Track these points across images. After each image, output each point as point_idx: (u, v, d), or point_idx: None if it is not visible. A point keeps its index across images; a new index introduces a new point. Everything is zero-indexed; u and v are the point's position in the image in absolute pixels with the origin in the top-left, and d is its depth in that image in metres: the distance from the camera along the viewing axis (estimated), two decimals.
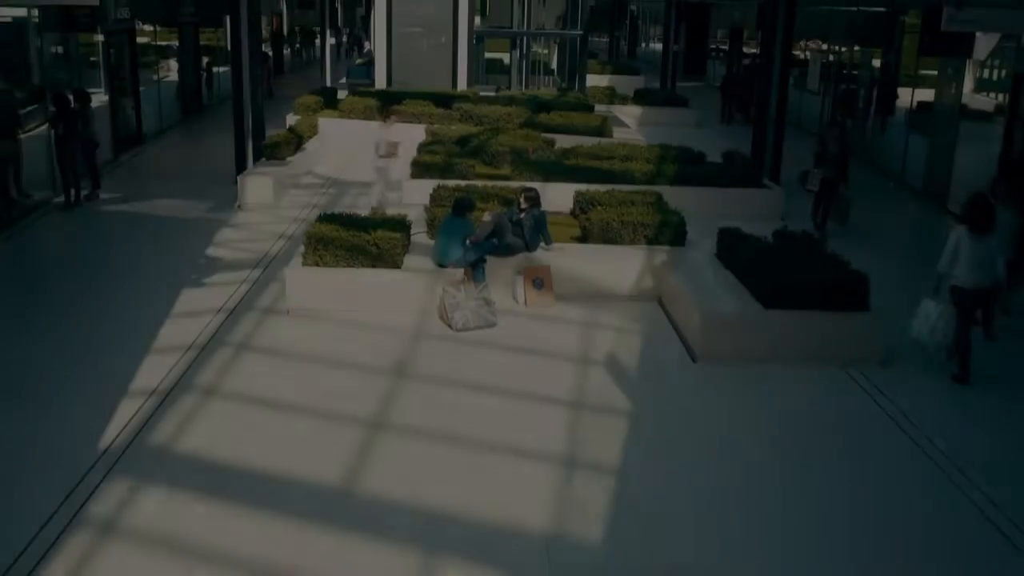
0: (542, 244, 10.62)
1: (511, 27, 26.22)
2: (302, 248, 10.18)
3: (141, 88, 19.89)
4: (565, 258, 10.56)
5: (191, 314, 9.84)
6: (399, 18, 23.47)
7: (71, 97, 14.32)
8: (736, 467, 7.08)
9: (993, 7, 11.13)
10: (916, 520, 6.51)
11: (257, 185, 14.64)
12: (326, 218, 10.59)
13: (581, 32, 25.88)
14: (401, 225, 10.63)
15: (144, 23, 20.76)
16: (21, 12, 14.34)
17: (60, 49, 15.97)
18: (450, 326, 9.52)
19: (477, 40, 25.28)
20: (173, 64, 23.24)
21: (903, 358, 9.23)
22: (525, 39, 26.63)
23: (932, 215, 15.95)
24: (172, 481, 6.60)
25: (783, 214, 14.35)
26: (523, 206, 10.56)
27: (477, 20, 25.35)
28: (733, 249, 10.20)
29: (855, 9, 22.60)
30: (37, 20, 14.41)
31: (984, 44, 15.16)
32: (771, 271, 9.16)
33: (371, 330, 9.52)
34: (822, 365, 8.92)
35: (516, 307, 10.25)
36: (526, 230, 10.46)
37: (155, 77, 21.54)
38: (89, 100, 14.83)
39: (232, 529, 6.07)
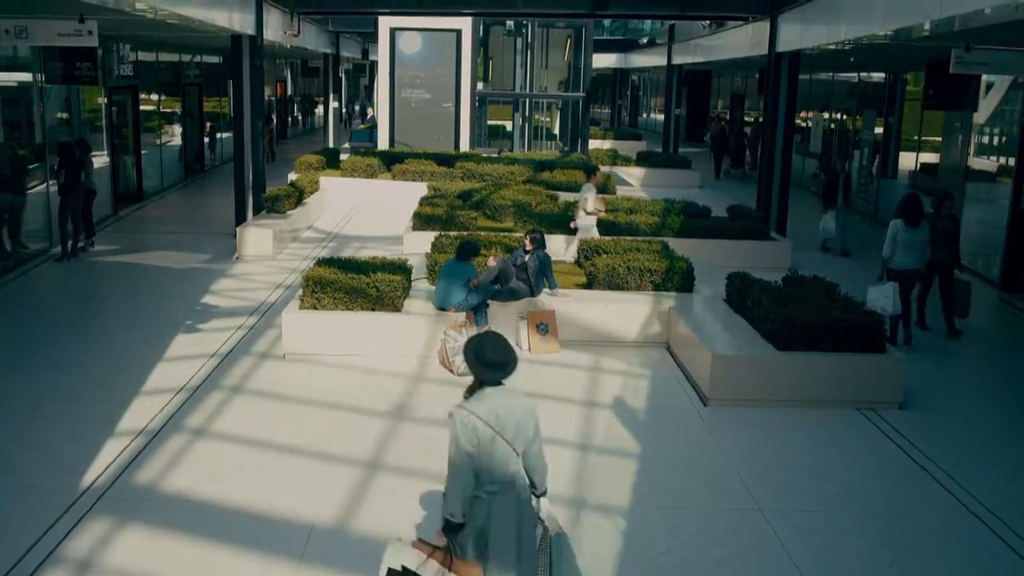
0: (546, 289, 10.36)
1: (514, 90, 26.40)
2: (300, 291, 9.93)
3: (145, 150, 19.90)
4: (570, 303, 10.29)
5: (184, 358, 9.55)
6: (401, 80, 23.64)
7: (74, 146, 14.22)
8: (749, 511, 6.71)
9: (1002, 50, 11.03)
10: (944, 569, 6.13)
11: (256, 237, 14.46)
12: (325, 262, 10.37)
13: (584, 95, 26.00)
14: (402, 268, 10.40)
15: (149, 93, 20.81)
16: (27, 77, 14.46)
17: (65, 115, 16.01)
18: (451, 371, 9.21)
19: (479, 103, 25.40)
20: (177, 129, 23.30)
21: (923, 400, 8.90)
22: (527, 102, 26.77)
23: None
24: (156, 520, 6.23)
25: (790, 266, 14.11)
26: (528, 247, 10.34)
27: (480, 85, 25.50)
28: (743, 293, 9.93)
29: (856, 78, 22.75)
30: (41, 84, 14.45)
31: (987, 103, 15.12)
32: (783, 313, 8.87)
33: (370, 374, 9.21)
34: (838, 408, 8.59)
35: (520, 353, 9.91)
36: (531, 273, 10.21)
37: (158, 141, 21.54)
38: (89, 149, 14.74)
39: (217, 570, 5.69)
